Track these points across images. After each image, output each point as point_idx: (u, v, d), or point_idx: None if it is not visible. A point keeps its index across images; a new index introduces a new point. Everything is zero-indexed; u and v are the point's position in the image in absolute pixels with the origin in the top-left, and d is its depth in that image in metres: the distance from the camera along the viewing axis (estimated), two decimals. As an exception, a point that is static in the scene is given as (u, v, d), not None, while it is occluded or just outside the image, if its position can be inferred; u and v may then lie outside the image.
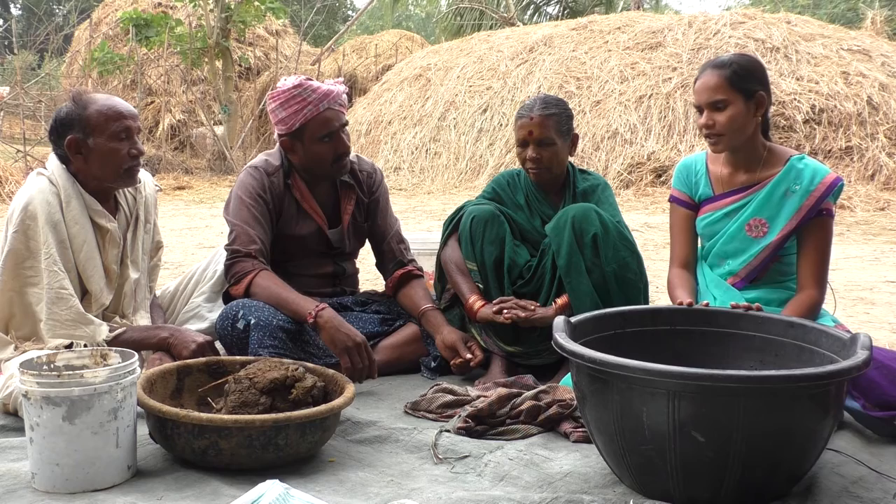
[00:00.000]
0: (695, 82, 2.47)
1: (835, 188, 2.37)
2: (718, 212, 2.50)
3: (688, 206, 2.60)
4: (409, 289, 2.87)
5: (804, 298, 2.36)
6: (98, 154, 2.38)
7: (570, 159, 2.82)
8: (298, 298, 2.52)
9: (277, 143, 2.77)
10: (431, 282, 2.95)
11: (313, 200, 2.80)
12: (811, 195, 2.36)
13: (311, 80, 2.67)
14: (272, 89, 2.69)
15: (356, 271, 3.05)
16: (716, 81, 2.38)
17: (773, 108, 8.89)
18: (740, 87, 2.36)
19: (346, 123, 2.73)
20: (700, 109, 2.43)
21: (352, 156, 2.87)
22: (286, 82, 2.65)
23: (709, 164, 2.56)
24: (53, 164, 2.43)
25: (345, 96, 2.72)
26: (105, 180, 2.42)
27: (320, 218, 2.81)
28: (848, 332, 1.95)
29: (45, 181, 2.39)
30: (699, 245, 2.64)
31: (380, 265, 3.00)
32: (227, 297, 2.71)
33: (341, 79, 2.77)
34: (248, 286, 2.58)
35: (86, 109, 2.38)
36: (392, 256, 2.93)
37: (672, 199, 2.65)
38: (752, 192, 2.45)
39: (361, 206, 2.91)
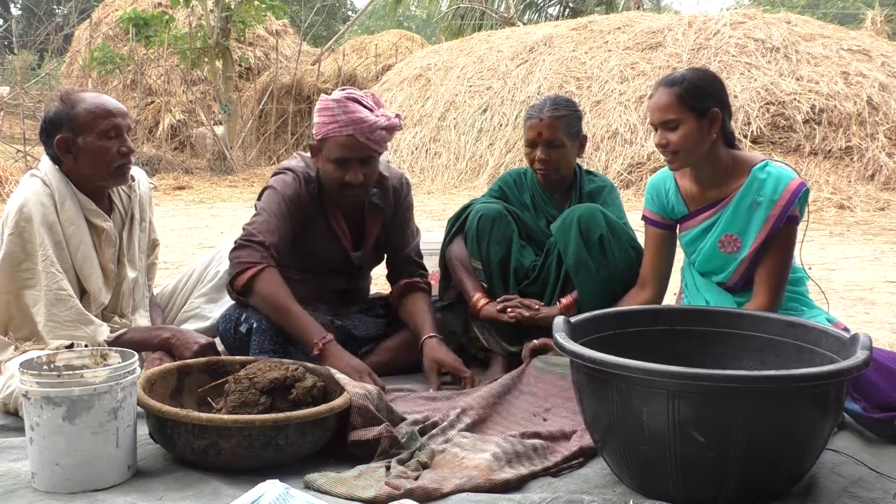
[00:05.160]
0: (649, 98, 2.36)
1: (799, 194, 2.28)
2: (696, 228, 2.44)
3: (660, 225, 2.51)
4: (411, 304, 2.76)
5: (753, 307, 2.27)
6: (87, 153, 2.36)
7: (577, 160, 2.81)
8: (303, 321, 2.43)
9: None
10: (434, 282, 2.94)
11: (342, 221, 2.72)
12: (776, 204, 2.28)
13: (359, 101, 2.52)
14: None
15: (369, 282, 2.98)
16: (666, 100, 2.28)
17: (773, 108, 8.92)
18: (692, 105, 2.27)
19: (369, 158, 2.55)
20: (655, 127, 2.34)
21: (381, 165, 2.71)
22: (337, 93, 2.55)
23: (678, 181, 2.47)
24: (46, 164, 2.42)
25: (382, 132, 2.51)
26: (96, 179, 2.41)
27: (348, 241, 2.74)
28: (847, 331, 1.96)
29: (38, 182, 2.37)
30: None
31: (390, 276, 2.91)
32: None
33: (395, 115, 2.58)
34: (249, 281, 2.45)
35: (74, 108, 2.36)
36: (403, 269, 2.84)
37: (643, 219, 2.54)
38: (721, 208, 2.37)
39: (386, 224, 2.81)
